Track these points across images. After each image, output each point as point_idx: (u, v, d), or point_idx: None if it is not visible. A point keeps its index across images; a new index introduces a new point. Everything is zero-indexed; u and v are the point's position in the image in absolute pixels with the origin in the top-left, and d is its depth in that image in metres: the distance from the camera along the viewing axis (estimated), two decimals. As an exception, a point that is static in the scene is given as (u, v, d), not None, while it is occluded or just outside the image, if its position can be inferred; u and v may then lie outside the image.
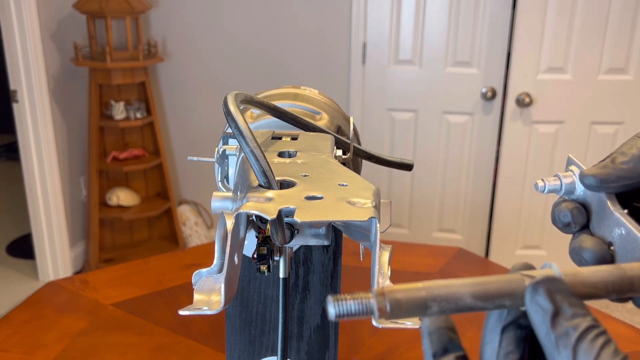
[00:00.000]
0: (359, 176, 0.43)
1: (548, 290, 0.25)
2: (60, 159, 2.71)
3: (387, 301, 0.25)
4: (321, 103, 0.65)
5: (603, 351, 0.23)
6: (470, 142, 2.69)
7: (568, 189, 0.37)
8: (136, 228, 2.98)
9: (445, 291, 0.26)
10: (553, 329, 0.24)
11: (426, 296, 0.26)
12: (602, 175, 0.35)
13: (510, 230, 2.71)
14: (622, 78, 2.46)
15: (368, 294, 0.26)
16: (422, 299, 0.26)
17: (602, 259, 0.35)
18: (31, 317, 0.97)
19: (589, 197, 0.36)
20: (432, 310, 0.26)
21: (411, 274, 1.14)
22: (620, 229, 0.33)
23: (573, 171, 0.37)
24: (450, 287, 0.26)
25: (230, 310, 0.64)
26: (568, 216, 0.36)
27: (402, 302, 0.26)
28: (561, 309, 0.25)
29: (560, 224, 0.37)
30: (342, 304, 0.26)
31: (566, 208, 0.37)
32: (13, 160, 4.39)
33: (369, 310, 0.25)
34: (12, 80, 2.54)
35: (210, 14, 2.84)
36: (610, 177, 0.34)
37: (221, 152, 0.53)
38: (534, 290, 0.25)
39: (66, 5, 2.69)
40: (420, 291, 0.26)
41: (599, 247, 0.35)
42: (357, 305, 0.26)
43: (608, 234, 0.35)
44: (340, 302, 0.26)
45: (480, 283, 0.26)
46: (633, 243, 0.32)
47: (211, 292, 0.38)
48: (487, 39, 2.53)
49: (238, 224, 0.39)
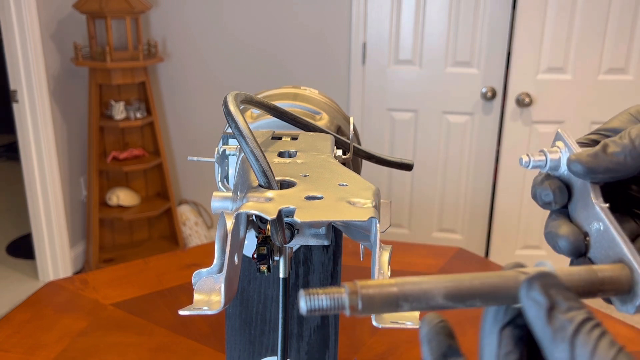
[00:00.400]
0: (359, 176, 0.43)
1: (543, 284, 0.25)
2: (60, 159, 2.71)
3: (359, 297, 0.25)
4: (321, 103, 0.65)
5: (600, 342, 0.23)
6: (470, 142, 2.69)
7: (553, 166, 0.35)
8: (136, 228, 2.98)
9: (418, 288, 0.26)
10: (549, 322, 0.24)
11: (398, 293, 0.26)
12: (591, 164, 0.33)
13: (510, 230, 2.71)
14: (622, 78, 2.46)
15: (340, 289, 0.25)
16: (394, 295, 0.26)
17: (576, 250, 0.34)
18: (31, 317, 0.97)
19: (574, 178, 0.35)
20: (404, 308, 0.26)
21: (411, 274, 1.14)
22: (599, 223, 0.32)
23: (560, 148, 0.35)
24: (422, 284, 0.26)
25: (230, 310, 0.64)
26: (550, 195, 0.35)
27: (374, 299, 0.25)
28: (556, 302, 0.25)
29: (540, 202, 0.36)
30: (314, 298, 0.25)
31: (549, 187, 0.35)
32: (13, 160, 4.39)
33: (340, 305, 0.25)
34: (12, 80, 2.54)
35: (210, 14, 2.84)
36: (599, 168, 0.33)
37: (221, 152, 0.53)
38: (529, 285, 0.25)
39: (66, 5, 2.69)
40: (392, 287, 0.26)
41: (575, 236, 0.34)
42: (329, 300, 0.25)
43: (586, 224, 0.34)
44: (312, 296, 0.25)
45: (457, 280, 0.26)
46: (609, 241, 0.31)
47: (211, 292, 0.38)
48: (487, 39, 2.53)
49: (238, 224, 0.39)
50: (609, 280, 0.28)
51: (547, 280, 0.25)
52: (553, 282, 0.25)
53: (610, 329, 0.88)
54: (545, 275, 0.26)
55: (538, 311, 0.25)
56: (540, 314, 0.25)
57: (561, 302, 0.25)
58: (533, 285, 0.25)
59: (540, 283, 0.25)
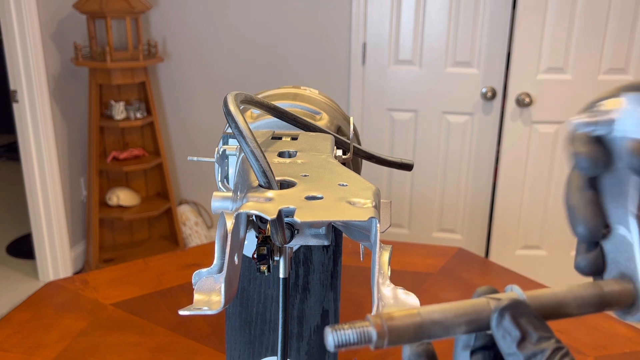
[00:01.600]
0: (359, 176, 0.43)
1: (513, 315, 0.26)
2: (60, 159, 2.71)
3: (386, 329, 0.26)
4: (321, 103, 0.65)
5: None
6: (470, 142, 2.69)
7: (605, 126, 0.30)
8: (136, 228, 2.98)
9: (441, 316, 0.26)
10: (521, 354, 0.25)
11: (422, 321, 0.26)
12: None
13: (510, 230, 2.70)
14: (622, 78, 2.46)
15: (365, 322, 0.26)
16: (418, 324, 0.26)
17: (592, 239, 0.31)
18: (31, 317, 0.97)
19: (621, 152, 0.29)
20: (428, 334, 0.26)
21: (411, 274, 1.14)
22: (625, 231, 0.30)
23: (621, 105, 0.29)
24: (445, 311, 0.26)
25: (230, 310, 0.64)
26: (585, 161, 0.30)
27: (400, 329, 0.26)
28: (527, 333, 0.26)
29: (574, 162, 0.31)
30: (341, 334, 0.25)
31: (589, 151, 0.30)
32: (13, 160, 4.39)
33: (367, 339, 0.25)
34: (12, 80, 2.54)
35: (210, 14, 2.84)
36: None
37: (221, 152, 0.53)
38: (500, 315, 0.26)
39: (66, 5, 2.69)
40: (415, 317, 0.26)
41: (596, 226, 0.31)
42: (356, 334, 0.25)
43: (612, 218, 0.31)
44: (338, 332, 0.26)
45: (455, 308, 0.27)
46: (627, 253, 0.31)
47: (211, 292, 0.38)
48: (487, 39, 2.53)
49: (238, 224, 0.39)
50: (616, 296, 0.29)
51: (517, 311, 0.26)
52: (523, 311, 0.26)
53: (610, 329, 0.87)
54: (516, 305, 0.26)
55: (510, 342, 0.26)
56: (512, 345, 0.26)
57: (532, 332, 0.26)
58: (504, 315, 0.26)
59: (510, 313, 0.26)
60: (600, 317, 1.02)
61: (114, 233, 2.95)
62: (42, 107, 2.56)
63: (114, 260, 2.81)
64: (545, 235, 2.70)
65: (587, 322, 0.99)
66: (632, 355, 0.91)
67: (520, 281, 1.12)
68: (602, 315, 1.04)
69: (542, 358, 0.25)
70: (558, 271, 2.73)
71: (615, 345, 0.93)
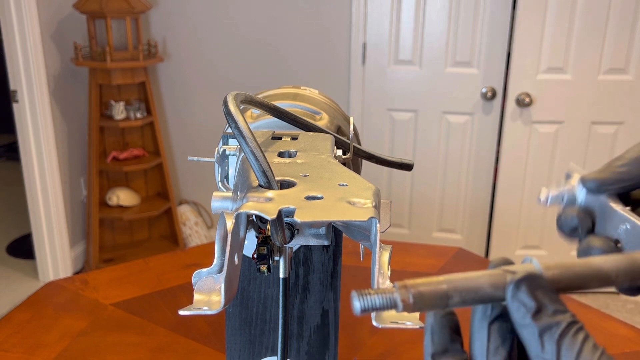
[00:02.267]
0: (359, 176, 0.43)
1: (529, 287, 0.26)
2: (60, 159, 2.71)
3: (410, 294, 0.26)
4: (321, 103, 0.65)
5: (584, 345, 0.24)
6: (470, 142, 2.69)
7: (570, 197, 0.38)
8: (136, 228, 2.98)
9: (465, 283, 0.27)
10: (536, 325, 0.25)
11: (447, 289, 0.26)
12: (601, 178, 0.37)
13: (510, 230, 2.71)
14: (622, 78, 2.46)
15: (391, 288, 0.26)
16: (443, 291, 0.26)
17: None
18: (31, 317, 0.97)
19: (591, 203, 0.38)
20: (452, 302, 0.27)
21: (411, 274, 1.14)
22: (624, 224, 0.34)
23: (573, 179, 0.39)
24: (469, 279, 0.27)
25: (230, 310, 0.64)
26: (575, 219, 0.38)
27: (424, 295, 0.26)
28: (543, 305, 0.25)
29: (566, 230, 0.38)
30: (367, 298, 0.26)
31: (572, 212, 0.38)
32: (13, 160, 4.39)
33: (392, 303, 0.26)
34: (12, 80, 2.54)
35: (210, 14, 2.84)
36: (609, 180, 0.37)
37: (221, 152, 0.53)
38: (516, 287, 0.26)
39: (66, 5, 2.69)
40: (441, 284, 0.27)
41: (607, 244, 0.35)
42: (381, 299, 0.26)
43: (613, 232, 0.35)
44: (364, 297, 0.26)
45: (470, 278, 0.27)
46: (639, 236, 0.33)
47: (211, 292, 0.38)
48: (487, 39, 2.53)
49: (238, 224, 0.39)
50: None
51: (533, 283, 0.26)
52: (539, 284, 0.26)
53: (610, 329, 0.87)
54: (532, 277, 0.26)
55: (524, 313, 0.25)
56: (527, 316, 0.25)
57: (548, 305, 0.25)
58: (520, 287, 0.26)
59: (527, 285, 0.26)
60: (600, 317, 1.02)
61: (114, 233, 2.95)
62: (42, 107, 2.56)
63: (114, 260, 2.81)
64: (545, 235, 2.70)
65: (587, 322, 0.99)
66: (632, 355, 0.91)
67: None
68: (602, 315, 1.04)
69: (557, 330, 0.25)
70: (558, 271, 2.73)
71: (615, 345, 0.93)
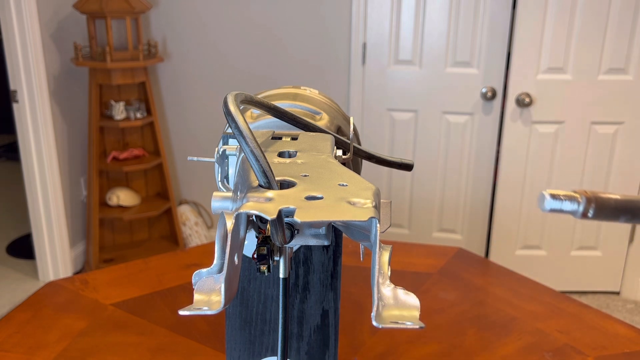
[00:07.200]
0: (359, 176, 0.43)
1: None
2: (60, 159, 2.71)
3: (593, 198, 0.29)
4: (321, 103, 0.65)
5: None
6: (470, 142, 2.69)
7: None
8: (136, 228, 2.98)
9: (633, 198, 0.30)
10: None
11: (621, 199, 0.30)
12: None
13: (510, 230, 2.71)
14: (622, 78, 2.46)
15: (576, 194, 0.30)
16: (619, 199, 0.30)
17: None
18: (31, 317, 0.97)
19: None
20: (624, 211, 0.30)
21: (411, 274, 1.14)
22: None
23: None
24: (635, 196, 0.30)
25: (230, 310, 0.64)
26: None
27: (604, 200, 0.30)
28: None
29: None
30: (558, 199, 0.30)
31: None
32: (13, 160, 4.39)
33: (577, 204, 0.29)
34: (12, 80, 2.54)
35: (210, 14, 2.84)
36: None
37: (221, 152, 0.53)
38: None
39: (66, 5, 2.69)
40: (615, 195, 0.30)
41: None
42: (569, 202, 0.30)
43: None
44: (556, 198, 0.30)
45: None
46: None
47: (211, 292, 0.38)
48: (487, 39, 2.53)
49: (238, 224, 0.39)
50: None
51: None
52: None
53: (610, 329, 0.88)
54: None
55: None
56: None
57: None
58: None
59: None
60: (601, 317, 1.02)
61: (114, 233, 2.95)
62: (42, 107, 2.56)
63: (114, 260, 2.81)
64: (545, 235, 2.70)
65: (587, 322, 0.99)
66: (632, 355, 0.91)
67: (520, 281, 1.12)
68: (602, 315, 1.04)
69: None
70: (558, 271, 2.74)
71: (615, 345, 0.93)
